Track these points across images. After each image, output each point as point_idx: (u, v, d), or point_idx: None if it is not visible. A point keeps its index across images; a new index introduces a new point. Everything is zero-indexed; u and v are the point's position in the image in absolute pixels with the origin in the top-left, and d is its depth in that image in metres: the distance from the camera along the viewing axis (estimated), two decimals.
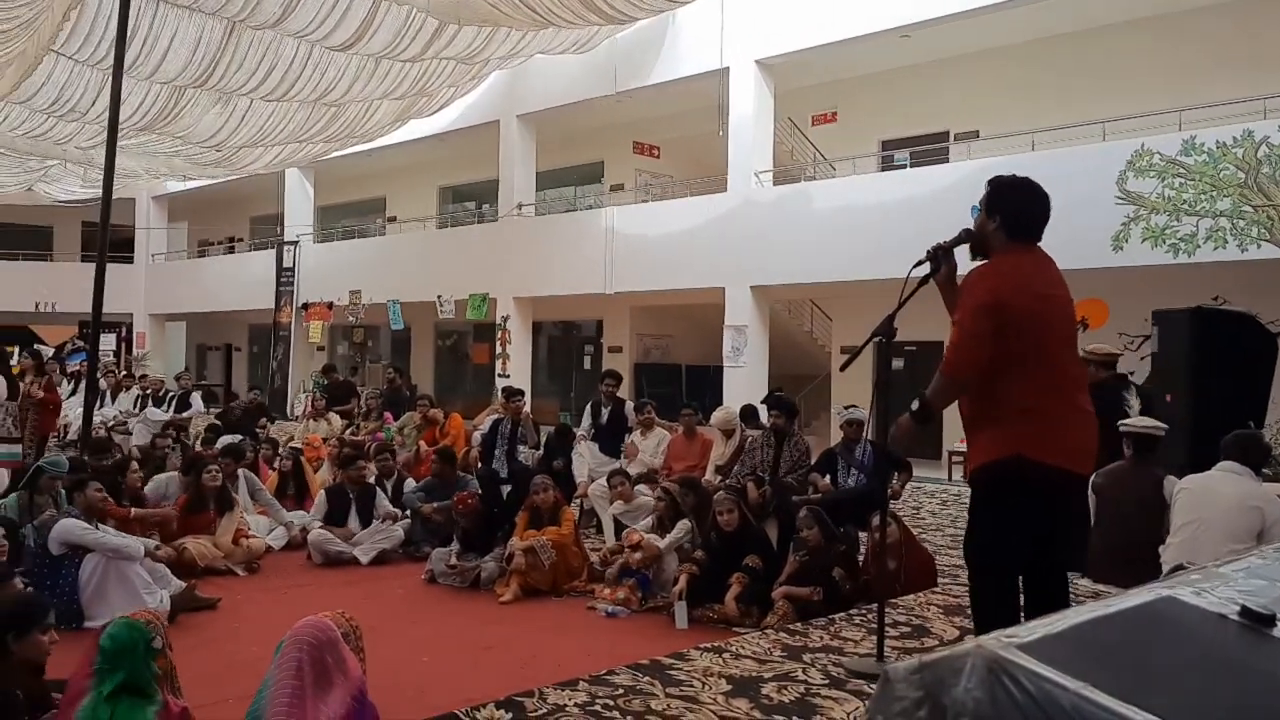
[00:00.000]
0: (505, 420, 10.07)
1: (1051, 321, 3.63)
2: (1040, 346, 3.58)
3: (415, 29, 11.28)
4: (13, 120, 12.52)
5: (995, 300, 3.55)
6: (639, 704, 3.49)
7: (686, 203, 15.87)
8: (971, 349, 3.56)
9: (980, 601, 3.68)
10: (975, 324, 3.56)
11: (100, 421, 11.69)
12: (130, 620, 3.28)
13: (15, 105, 11.84)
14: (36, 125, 12.88)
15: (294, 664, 3.13)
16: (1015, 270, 3.62)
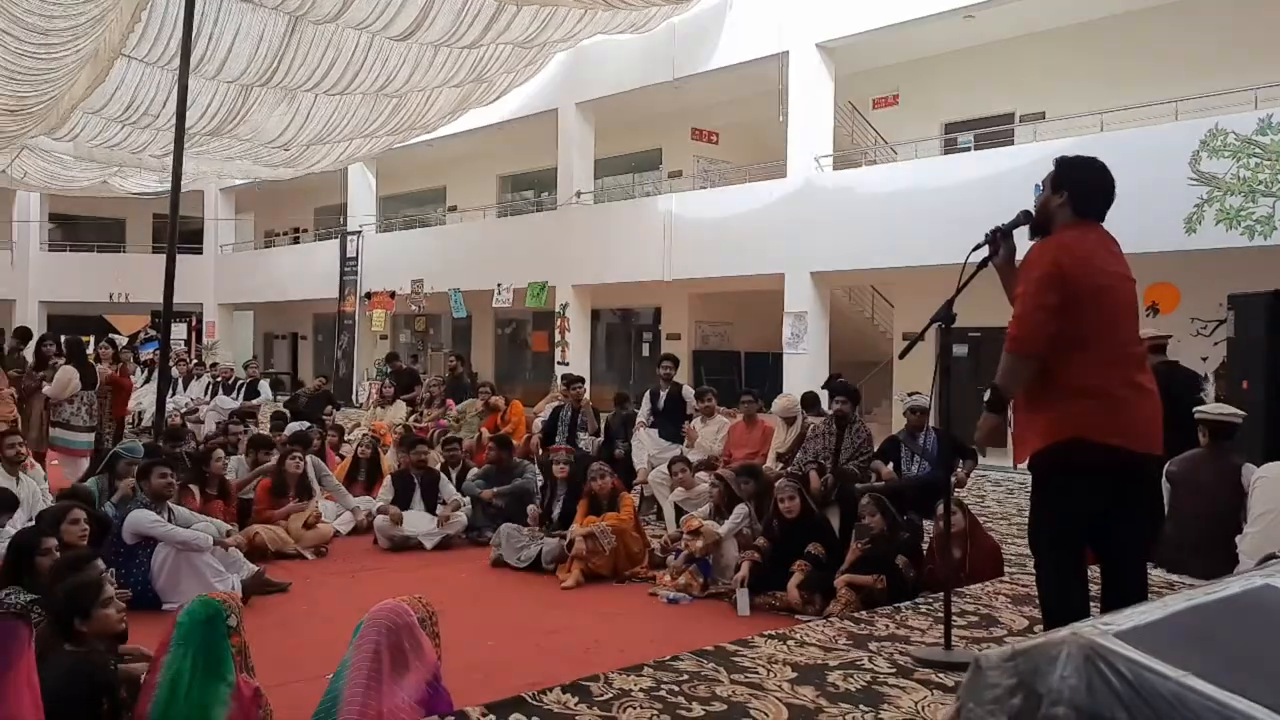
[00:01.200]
0: (565, 407, 10.16)
1: (1114, 299, 3.56)
2: (1102, 324, 3.50)
3: (473, 14, 11.35)
4: (90, 130, 12.85)
5: (1059, 271, 3.47)
6: (704, 690, 3.49)
7: (745, 189, 15.77)
8: (1038, 322, 3.47)
9: (1046, 588, 3.62)
10: (1040, 296, 3.48)
11: (173, 409, 11.99)
12: (207, 599, 3.38)
13: (90, 115, 12.15)
14: (112, 135, 13.22)
15: (372, 646, 3.19)
16: (1079, 243, 3.55)
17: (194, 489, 7.35)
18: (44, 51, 9.79)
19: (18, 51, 9.78)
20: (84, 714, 3.34)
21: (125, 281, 26.34)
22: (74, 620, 3.46)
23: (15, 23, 9.24)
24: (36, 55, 9.86)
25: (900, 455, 7.54)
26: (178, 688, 3.11)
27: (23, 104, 11.10)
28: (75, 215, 28.30)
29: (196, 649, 3.16)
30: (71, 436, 9.28)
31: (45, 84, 10.57)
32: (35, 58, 9.92)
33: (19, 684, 2.96)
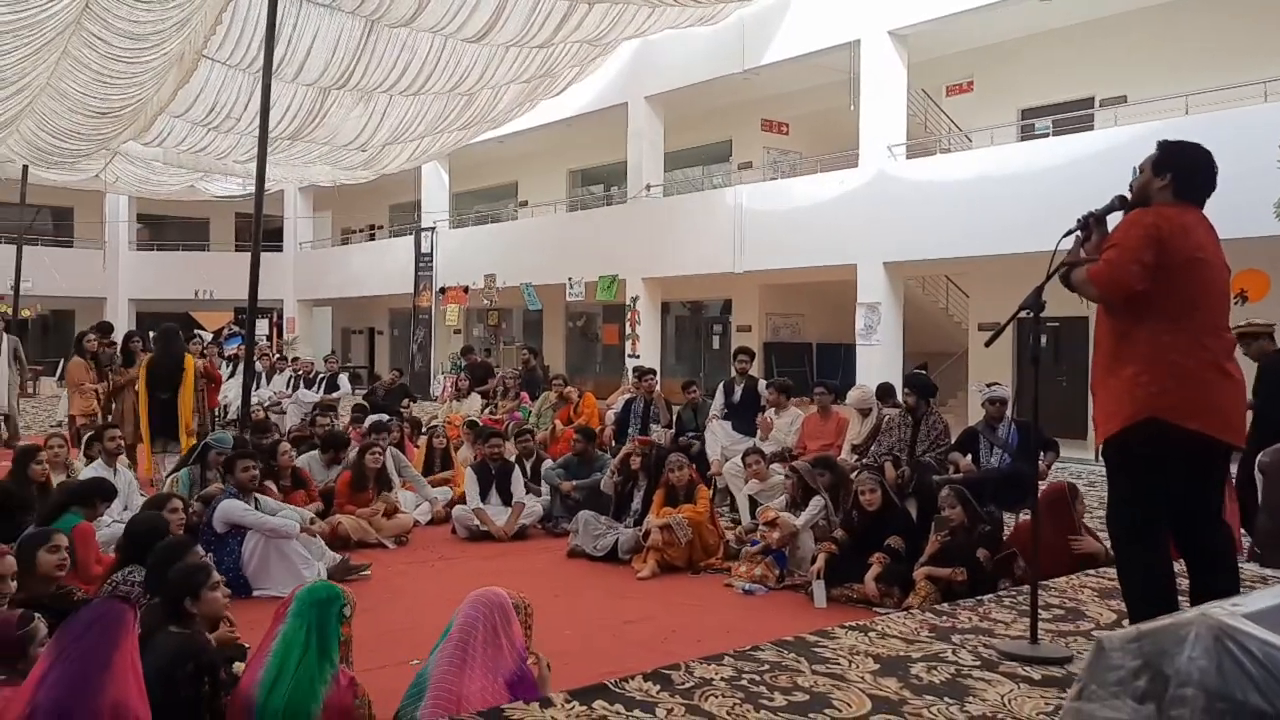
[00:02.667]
0: (637, 399, 10.20)
1: (1208, 276, 3.50)
2: (1194, 298, 3.43)
3: (544, 14, 11.47)
4: (176, 135, 13.29)
5: (1159, 234, 3.42)
6: (785, 680, 3.50)
7: (817, 179, 15.65)
8: (1129, 273, 3.41)
9: (1127, 577, 3.56)
10: (1138, 250, 3.42)
11: (257, 402, 12.32)
12: (331, 583, 3.50)
13: (176, 119, 12.57)
14: (197, 140, 13.65)
15: (463, 629, 3.28)
16: (1178, 217, 3.50)
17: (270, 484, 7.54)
18: (132, 55, 10.15)
19: (107, 55, 10.16)
20: (187, 693, 3.48)
21: (209, 279, 27.16)
22: (185, 601, 3.60)
23: (106, 27, 9.59)
24: (125, 59, 10.23)
25: (979, 446, 7.42)
26: (288, 659, 3.23)
27: (112, 106, 11.53)
28: (162, 216, 29.23)
29: (311, 626, 3.28)
30: None
31: (133, 86, 10.97)
32: (124, 61, 10.29)
33: (124, 664, 3.08)
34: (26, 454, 6.56)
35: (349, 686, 3.35)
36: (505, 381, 12.96)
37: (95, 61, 10.36)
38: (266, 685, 3.20)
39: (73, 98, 11.38)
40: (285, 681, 3.19)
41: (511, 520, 8.18)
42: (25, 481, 6.32)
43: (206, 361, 10.77)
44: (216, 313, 26.01)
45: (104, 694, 2.97)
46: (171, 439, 9.19)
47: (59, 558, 4.26)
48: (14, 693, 3.09)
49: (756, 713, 3.20)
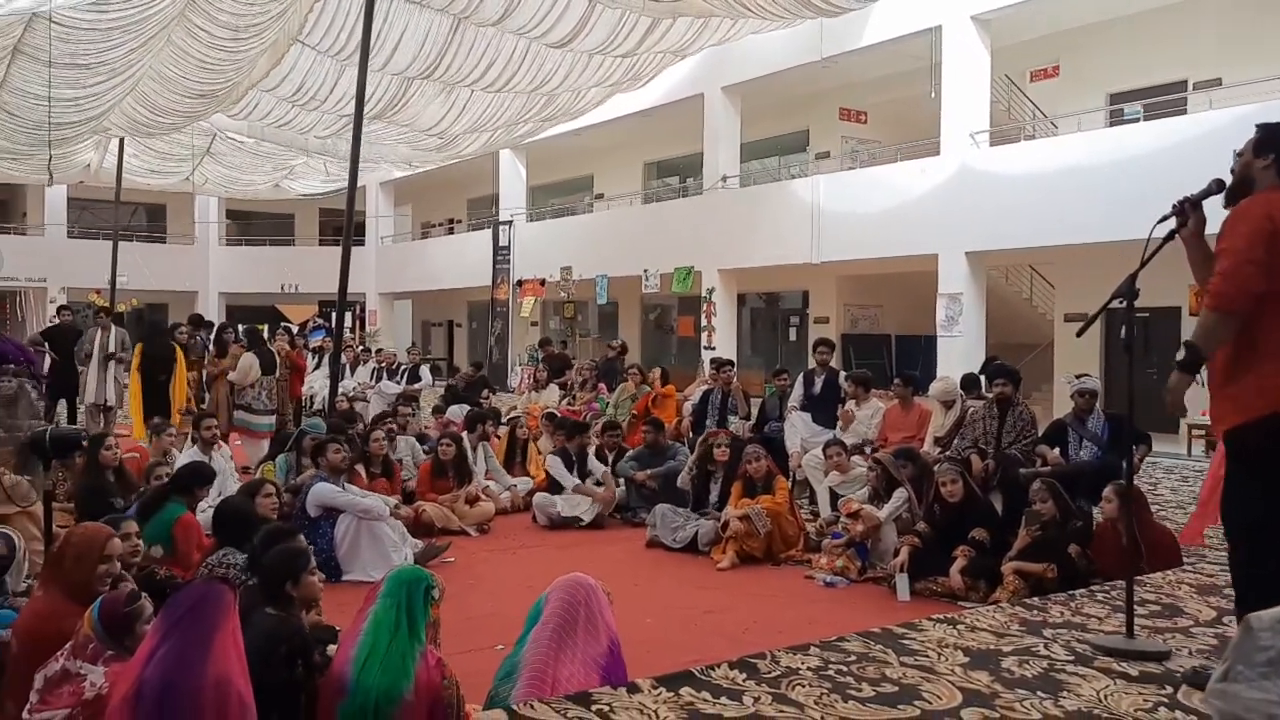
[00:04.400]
0: (715, 391, 10.18)
1: None
2: None
3: (629, 26, 11.55)
4: (263, 108, 13.76)
5: (1271, 226, 3.28)
6: (873, 671, 3.47)
7: (897, 168, 15.41)
8: (1245, 276, 3.28)
9: (1243, 573, 3.43)
10: (1249, 250, 3.28)
11: (341, 393, 12.61)
12: (419, 567, 3.59)
13: (264, 94, 13.00)
14: (283, 115, 14.09)
15: (555, 613, 3.32)
16: None
17: (360, 469, 7.71)
18: (232, 44, 10.53)
19: (210, 44, 10.56)
20: (281, 675, 3.58)
21: (294, 273, 27.88)
22: (286, 583, 3.70)
23: (209, 19, 9.95)
24: (226, 48, 10.61)
25: (1068, 440, 7.25)
26: (379, 638, 3.30)
27: (209, 89, 11.96)
28: (249, 212, 30.07)
29: (401, 606, 3.35)
30: (253, 419, 9.88)
31: (231, 70, 11.35)
32: (225, 50, 10.68)
33: (226, 643, 3.17)
34: (95, 442, 6.77)
35: (437, 666, 3.41)
36: (583, 373, 13.05)
37: (197, 50, 10.78)
38: (359, 663, 3.28)
39: (173, 80, 11.84)
40: (377, 659, 3.27)
41: (609, 490, 8.34)
42: (99, 469, 6.54)
43: (293, 351, 11.06)
44: (301, 305, 26.65)
45: (206, 672, 3.05)
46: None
47: (131, 545, 4.43)
48: (122, 668, 3.21)
49: (845, 703, 3.18)
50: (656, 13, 11.15)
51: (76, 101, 11.38)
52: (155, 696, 2.98)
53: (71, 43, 9.61)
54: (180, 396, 10.43)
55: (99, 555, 3.90)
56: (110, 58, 10.35)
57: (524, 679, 3.31)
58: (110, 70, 10.78)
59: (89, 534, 4.04)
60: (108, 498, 6.02)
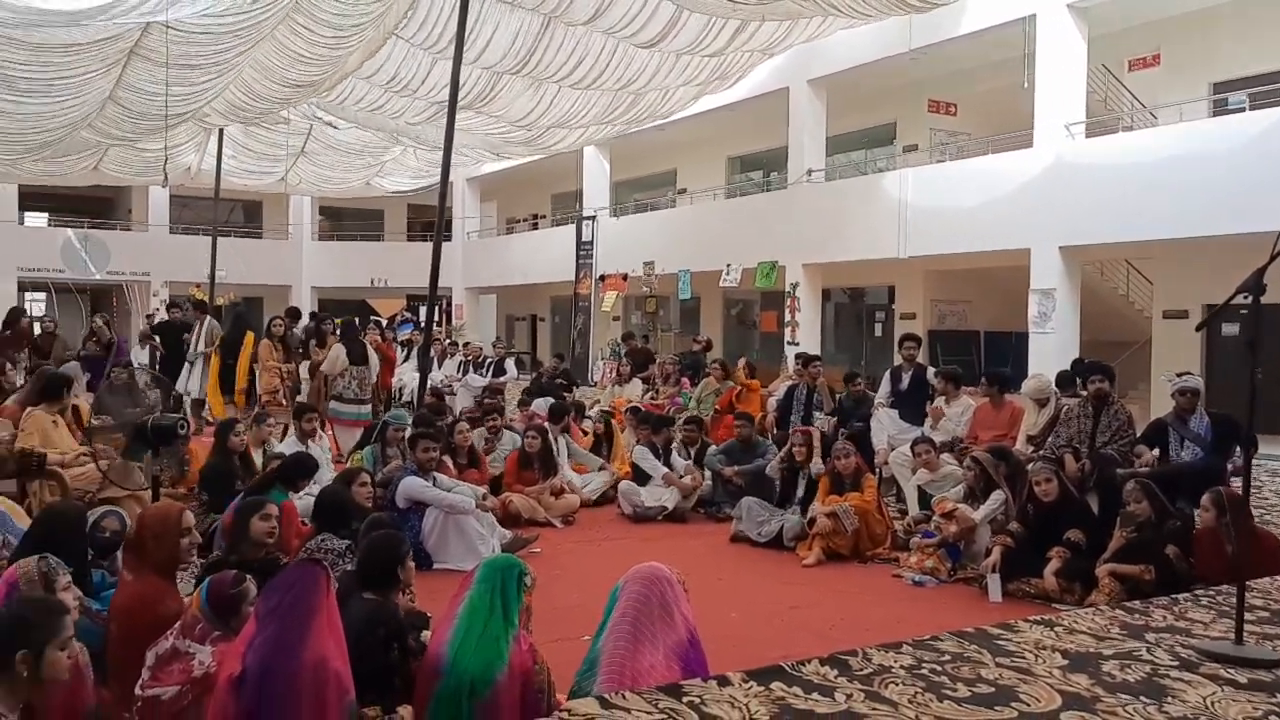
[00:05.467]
0: (800, 386, 10.11)
1: None
2: None
3: (718, 27, 11.54)
4: (357, 93, 14.15)
5: None
6: (968, 671, 3.42)
7: (988, 160, 15.08)
8: None
9: None
10: None
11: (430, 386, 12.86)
12: (513, 556, 3.66)
13: (360, 80, 13.37)
14: (375, 100, 14.46)
15: (630, 604, 3.35)
16: None
17: (448, 460, 7.86)
18: (334, 42, 10.85)
19: (311, 42, 10.90)
20: (378, 658, 3.67)
21: (383, 267, 28.51)
22: (387, 569, 3.82)
23: (312, 19, 10.25)
24: (326, 44, 10.95)
25: (1168, 440, 7.02)
26: (474, 621, 3.38)
27: (307, 80, 12.34)
28: (341, 208, 30.84)
29: (496, 590, 3.43)
30: (343, 408, 10.12)
31: (329, 64, 11.70)
32: (325, 46, 11.01)
33: (322, 625, 3.26)
34: (225, 427, 7.02)
35: (529, 651, 3.47)
36: (666, 368, 13.08)
37: (297, 45, 11.13)
38: (454, 645, 3.35)
39: (272, 70, 12.23)
40: (472, 642, 3.34)
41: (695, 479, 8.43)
42: (227, 453, 6.79)
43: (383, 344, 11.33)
44: (389, 299, 27.21)
45: (304, 655, 3.14)
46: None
47: (269, 525, 4.56)
48: (228, 648, 3.33)
49: (939, 703, 3.14)
50: (745, 15, 11.11)
51: (185, 98, 11.85)
52: (256, 681, 3.08)
53: (185, 45, 10.01)
54: (241, 378, 11.04)
55: (177, 530, 4.03)
56: (220, 59, 10.76)
57: (603, 671, 3.34)
58: (219, 70, 11.20)
59: (161, 513, 4.18)
60: (233, 481, 6.25)
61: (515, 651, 3.35)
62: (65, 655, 2.98)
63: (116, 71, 11.16)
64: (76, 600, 3.65)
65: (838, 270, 17.96)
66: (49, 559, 3.62)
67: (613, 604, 3.54)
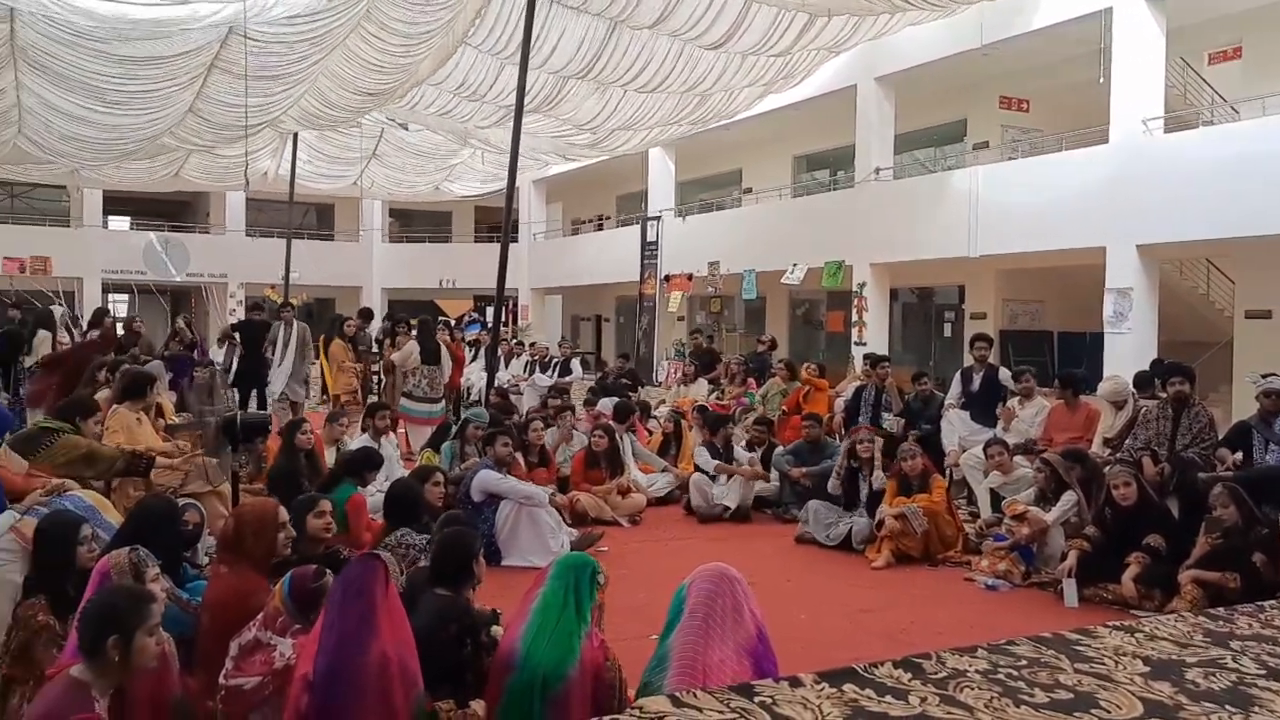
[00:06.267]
0: (869, 387, 10.02)
1: None
2: None
3: (784, 26, 11.48)
4: (427, 99, 14.41)
5: None
6: (1046, 676, 3.36)
7: (1061, 157, 14.76)
8: None
9: None
10: None
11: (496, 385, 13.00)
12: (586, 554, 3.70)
13: (430, 87, 13.62)
14: (445, 104, 14.70)
15: (710, 598, 3.36)
16: None
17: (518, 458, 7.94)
18: (404, 50, 11.05)
19: (382, 50, 11.12)
20: (451, 654, 3.73)
21: (451, 268, 28.91)
22: (469, 564, 3.90)
23: (383, 28, 10.44)
24: (397, 53, 11.15)
25: (1253, 443, 6.81)
26: (548, 616, 3.43)
27: (379, 89, 12.59)
28: (410, 210, 31.34)
29: (569, 588, 3.48)
30: (414, 406, 10.28)
31: (400, 73, 11.92)
32: (396, 55, 11.22)
33: (384, 618, 3.32)
34: (293, 427, 7.17)
35: (601, 647, 3.50)
36: (731, 367, 13.05)
37: (368, 54, 11.37)
38: (528, 640, 3.40)
39: (344, 79, 12.51)
40: (545, 636, 3.38)
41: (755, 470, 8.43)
42: (293, 453, 6.93)
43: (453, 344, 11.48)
44: (457, 300, 27.54)
45: (368, 651, 3.20)
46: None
47: (324, 522, 4.67)
48: (307, 640, 3.41)
49: (1016, 708, 3.09)
50: (813, 10, 11.03)
51: (263, 108, 12.17)
52: (324, 681, 3.16)
53: (262, 55, 10.28)
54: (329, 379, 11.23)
55: (274, 525, 4.16)
56: (295, 69, 11.02)
57: (675, 668, 3.34)
58: (294, 80, 11.48)
59: (259, 509, 4.30)
60: (299, 480, 6.39)
61: (587, 647, 3.39)
62: (153, 642, 3.08)
63: (197, 85, 11.50)
64: (165, 590, 3.78)
65: (906, 269, 17.74)
66: (139, 550, 3.74)
67: (678, 603, 3.54)
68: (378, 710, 3.17)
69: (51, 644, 3.67)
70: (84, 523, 4.16)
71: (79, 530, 4.05)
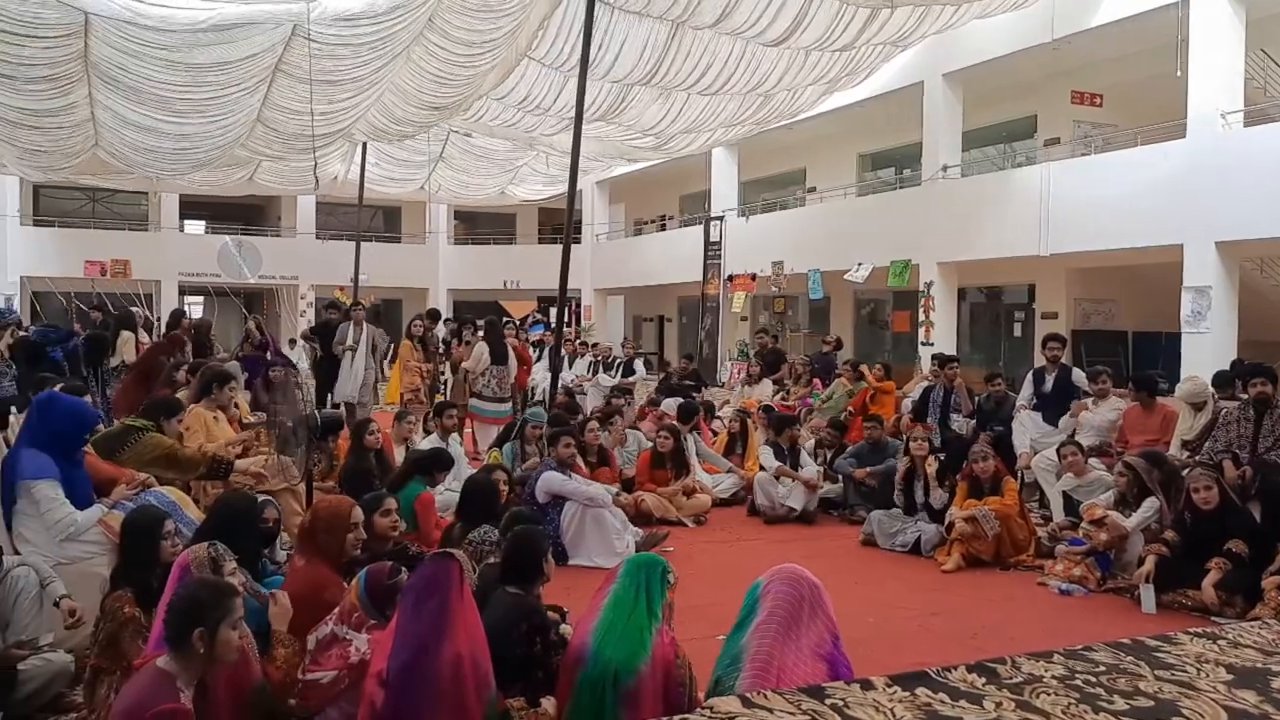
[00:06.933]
0: (937, 388, 9.89)
1: None
2: None
3: (847, 20, 11.37)
4: (492, 112, 14.56)
5: None
6: (1125, 683, 3.29)
7: (1137, 152, 14.40)
8: None
9: None
10: None
11: (561, 385, 13.09)
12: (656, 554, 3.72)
13: (494, 101, 13.75)
14: (510, 118, 14.84)
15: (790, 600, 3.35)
16: None
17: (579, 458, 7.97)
18: (468, 60, 11.15)
19: (447, 60, 11.23)
20: (521, 651, 3.76)
21: (515, 269, 29.20)
22: (540, 563, 3.94)
23: (446, 37, 10.57)
24: (461, 63, 11.26)
25: None
26: (619, 612, 3.45)
27: (444, 103, 12.73)
28: (475, 213, 31.73)
29: (640, 586, 3.50)
30: (484, 406, 10.40)
31: (465, 85, 12.04)
32: (460, 65, 11.33)
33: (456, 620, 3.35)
34: (361, 427, 7.30)
35: (671, 644, 3.51)
36: (796, 368, 12.97)
37: (433, 65, 11.49)
38: (599, 635, 3.43)
39: (410, 94, 12.66)
40: (616, 632, 3.40)
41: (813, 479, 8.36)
42: (363, 452, 7.05)
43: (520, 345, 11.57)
44: (520, 301, 27.78)
45: (441, 651, 3.24)
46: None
47: (391, 520, 4.74)
48: (381, 636, 3.47)
49: (1095, 715, 3.03)
50: (876, 3, 10.91)
51: (329, 115, 12.37)
52: (399, 680, 3.21)
53: (324, 58, 10.41)
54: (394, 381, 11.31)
55: (347, 525, 4.25)
56: (359, 74, 11.17)
57: (751, 668, 3.34)
58: (358, 86, 11.64)
59: (334, 507, 4.40)
60: (369, 478, 6.51)
61: (658, 644, 3.40)
62: (236, 635, 3.17)
63: (264, 90, 11.71)
64: (242, 584, 3.87)
65: (974, 268, 17.46)
66: (217, 545, 3.85)
67: (750, 602, 3.54)
68: (451, 709, 3.21)
69: (137, 635, 3.80)
70: (167, 518, 4.29)
71: (162, 525, 4.18)
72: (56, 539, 4.69)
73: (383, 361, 11.99)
